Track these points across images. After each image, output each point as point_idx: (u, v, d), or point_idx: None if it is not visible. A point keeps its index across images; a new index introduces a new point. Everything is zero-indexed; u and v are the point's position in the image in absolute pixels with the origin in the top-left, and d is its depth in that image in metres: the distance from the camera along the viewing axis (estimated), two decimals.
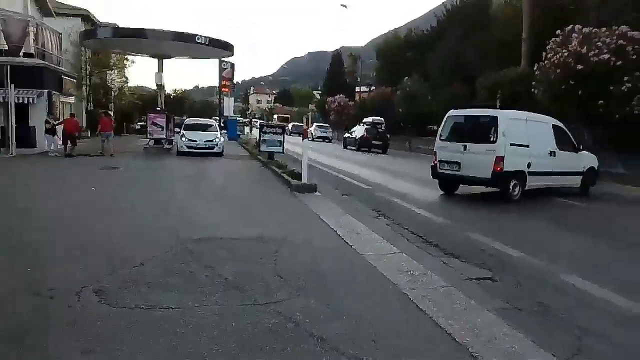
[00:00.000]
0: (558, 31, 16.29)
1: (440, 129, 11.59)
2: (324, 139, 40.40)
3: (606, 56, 14.42)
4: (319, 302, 4.01)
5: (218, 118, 49.22)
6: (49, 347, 3.08)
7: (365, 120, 31.30)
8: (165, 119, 20.87)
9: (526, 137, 10.64)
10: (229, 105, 41.97)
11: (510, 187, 10.43)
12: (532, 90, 17.22)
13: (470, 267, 5.34)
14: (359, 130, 29.75)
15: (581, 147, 12.34)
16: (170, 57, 24.94)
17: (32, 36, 21.88)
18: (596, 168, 12.82)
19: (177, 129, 22.36)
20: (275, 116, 67.74)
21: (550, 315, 4.03)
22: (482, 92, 22.52)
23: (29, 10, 23.66)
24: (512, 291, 4.59)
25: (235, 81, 54.98)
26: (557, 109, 15.75)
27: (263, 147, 15.64)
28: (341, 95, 49.28)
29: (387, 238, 6.42)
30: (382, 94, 37.74)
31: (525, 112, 11.50)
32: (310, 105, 70.03)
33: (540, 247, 6.63)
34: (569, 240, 7.39)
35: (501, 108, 11.06)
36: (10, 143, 17.63)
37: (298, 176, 11.07)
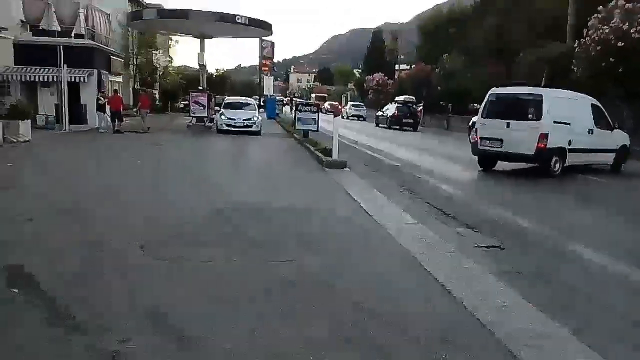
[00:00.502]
0: (600, 7, 15.76)
1: (482, 107, 11.87)
2: (358, 117, 41.52)
3: None
4: (332, 260, 4.47)
5: (258, 97, 50.12)
6: (99, 288, 3.66)
7: (397, 98, 32.01)
8: (206, 98, 21.67)
9: (568, 115, 10.86)
10: (269, 85, 42.65)
11: (552, 164, 10.76)
12: (572, 67, 16.86)
13: (483, 237, 5.64)
14: (390, 109, 30.59)
15: (616, 126, 12.40)
16: (212, 37, 25.67)
17: (82, 17, 23.01)
18: (628, 146, 12.94)
19: (217, 108, 23.14)
20: (313, 95, 68.06)
21: (548, 277, 4.33)
22: (522, 69, 22.06)
23: None
24: (517, 258, 4.89)
25: (275, 60, 55.59)
26: (596, 86, 15.42)
27: (298, 125, 16.13)
28: (380, 73, 48.91)
29: (408, 210, 6.76)
30: (421, 71, 37.32)
31: (567, 90, 11.69)
32: (349, 84, 69.74)
33: (556, 220, 6.84)
34: (587, 216, 7.54)
35: (545, 86, 11.41)
36: (64, 120, 18.86)
37: (329, 153, 11.47)
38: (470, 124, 21.68)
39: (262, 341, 2.93)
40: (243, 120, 19.29)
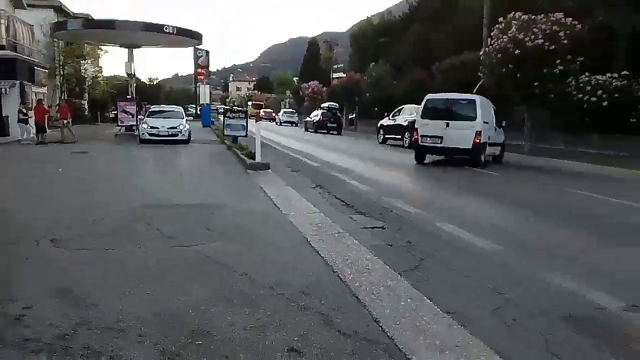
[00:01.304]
0: (500, 18, 17.48)
1: (420, 110, 14.16)
2: (291, 123, 44.35)
3: (540, 41, 15.70)
4: (232, 244, 5.07)
5: (195, 106, 49.81)
6: (10, 272, 4.06)
7: (322, 105, 34.40)
8: (135, 107, 21.63)
9: (487, 116, 13.23)
10: (205, 93, 42.61)
11: (481, 155, 13.24)
12: (478, 74, 18.52)
13: (370, 220, 6.46)
14: (317, 115, 33.00)
15: (502, 124, 14.93)
16: (140, 47, 25.60)
17: (3, 29, 22.32)
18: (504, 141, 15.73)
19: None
20: (250, 103, 68.59)
21: (411, 248, 5.15)
22: (439, 76, 23.74)
23: (1, 3, 24.00)
24: (392, 235, 5.72)
25: (215, 69, 55.99)
26: (500, 91, 17.14)
27: (227, 132, 16.58)
28: (315, 81, 50.16)
29: (314, 203, 7.47)
30: (352, 79, 38.81)
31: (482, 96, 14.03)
32: (287, 91, 70.70)
33: (436, 206, 7.92)
34: (463, 201, 8.67)
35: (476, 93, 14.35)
36: None
37: (254, 156, 12.07)
38: (378, 126, 23.59)
39: (152, 303, 3.49)
40: (167, 129, 18.59)
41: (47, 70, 28.23)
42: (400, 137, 20.71)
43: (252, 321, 3.23)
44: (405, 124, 20.19)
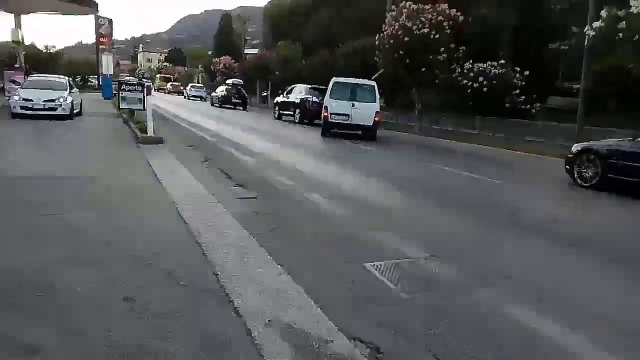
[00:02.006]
0: (392, 6, 18.52)
1: (329, 91, 16.10)
2: (200, 97, 44.26)
3: (426, 30, 16.98)
4: (99, 213, 5.22)
5: (97, 77, 46.96)
6: None
7: (227, 81, 34.73)
8: (24, 77, 20.11)
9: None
10: (108, 63, 40.13)
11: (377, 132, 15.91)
12: (375, 58, 19.56)
13: (247, 191, 6.85)
14: (222, 90, 33.24)
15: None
16: (29, 13, 23.64)
17: None
18: None
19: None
20: (157, 76, 66.14)
21: (274, 215, 5.64)
22: (341, 59, 24.61)
23: None
24: (263, 203, 6.17)
25: (124, 38, 52.93)
26: (394, 75, 18.29)
27: (123, 105, 15.93)
28: (227, 56, 49.30)
29: (198, 176, 7.64)
30: (262, 57, 38.76)
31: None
32: (199, 65, 68.76)
33: (311, 178, 8.52)
34: (339, 174, 9.46)
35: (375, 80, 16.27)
36: None
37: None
38: (275, 102, 24.42)
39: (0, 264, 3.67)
40: (43, 102, 16.06)
41: None
42: (292, 113, 21.68)
43: (96, 278, 3.52)
44: (297, 101, 21.09)
